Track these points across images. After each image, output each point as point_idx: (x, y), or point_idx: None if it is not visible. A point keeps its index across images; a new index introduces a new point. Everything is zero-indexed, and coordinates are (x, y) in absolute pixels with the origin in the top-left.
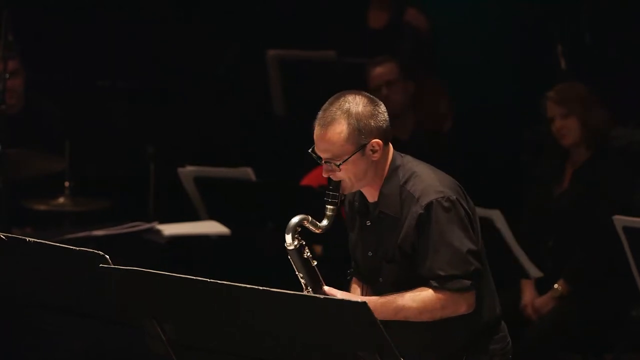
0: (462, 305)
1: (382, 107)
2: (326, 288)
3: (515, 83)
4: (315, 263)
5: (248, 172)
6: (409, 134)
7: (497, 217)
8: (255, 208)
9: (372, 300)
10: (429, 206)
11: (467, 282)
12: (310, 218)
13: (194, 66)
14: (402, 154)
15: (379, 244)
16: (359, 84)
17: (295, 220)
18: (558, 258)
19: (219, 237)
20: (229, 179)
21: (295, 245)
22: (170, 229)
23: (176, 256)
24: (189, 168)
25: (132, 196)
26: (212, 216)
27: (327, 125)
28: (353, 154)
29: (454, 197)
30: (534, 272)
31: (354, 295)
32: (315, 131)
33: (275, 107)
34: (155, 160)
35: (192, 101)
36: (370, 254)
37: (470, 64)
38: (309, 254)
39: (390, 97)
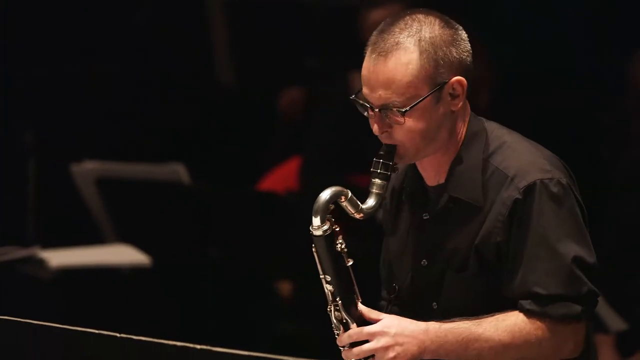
0: (567, 342)
1: (464, 33)
2: (363, 308)
3: (589, 39)
4: (351, 262)
5: (178, 171)
6: None
7: None
8: (188, 226)
9: (433, 327)
10: (529, 189)
11: (578, 308)
12: (349, 194)
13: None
14: (483, 118)
15: (440, 247)
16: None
17: (327, 194)
18: None
19: (134, 269)
20: (150, 182)
21: (325, 231)
22: (59, 258)
23: (70, 298)
24: (88, 164)
25: (0, 205)
26: (123, 237)
27: (388, 52)
28: (426, 97)
29: (566, 180)
30: (616, 323)
31: (404, 319)
32: (365, 62)
33: (220, 71)
34: (36, 153)
35: (89, 65)
36: (424, 262)
37: (520, 9)
38: (344, 246)
39: None
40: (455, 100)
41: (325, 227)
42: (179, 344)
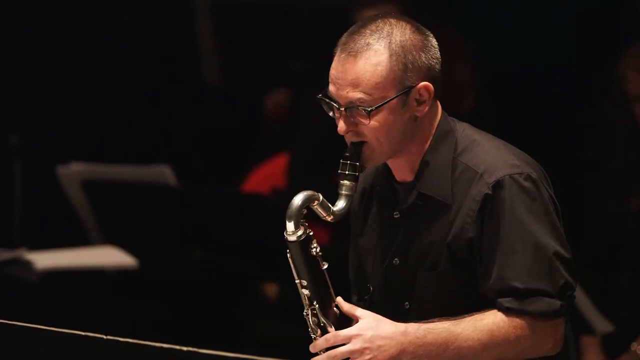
0: (547, 339)
1: (434, 40)
2: (343, 303)
3: (573, 40)
4: (326, 266)
5: (164, 172)
6: None
7: None
8: (174, 227)
9: (412, 329)
10: (498, 184)
11: (557, 303)
12: (321, 197)
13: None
14: (455, 119)
15: (411, 245)
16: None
17: (299, 199)
18: (638, 304)
19: (120, 271)
20: (136, 183)
21: (299, 236)
22: (46, 260)
23: (56, 299)
24: (75, 166)
25: None
26: (109, 239)
27: (358, 52)
28: (392, 99)
29: (536, 175)
30: (602, 325)
31: (383, 319)
32: (334, 62)
33: (206, 73)
34: (22, 155)
35: (75, 67)
36: (396, 261)
37: (504, 11)
38: (318, 250)
39: None
40: (421, 106)
41: (300, 233)
42: (165, 345)
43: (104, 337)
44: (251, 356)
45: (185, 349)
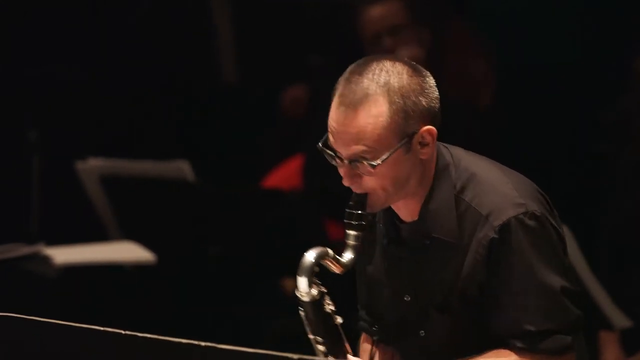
0: None
1: (431, 80)
2: (352, 359)
3: (590, 36)
4: (340, 321)
5: (182, 168)
6: None
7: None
8: (192, 223)
9: None
10: (505, 228)
11: (568, 339)
12: (331, 252)
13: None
14: (445, 144)
15: (422, 284)
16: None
17: (312, 256)
18: None
19: (138, 267)
20: (154, 179)
21: (314, 296)
22: (64, 255)
23: (74, 295)
24: (93, 162)
25: (5, 203)
26: (127, 235)
27: (357, 104)
28: (396, 150)
29: (539, 211)
30: (620, 320)
31: None
32: (333, 114)
33: (224, 69)
34: (40, 150)
35: (94, 63)
36: (407, 298)
37: (523, 6)
38: (331, 306)
39: (395, 52)
40: (425, 148)
41: (314, 292)
42: (184, 341)
43: (123, 332)
44: (268, 351)
45: (203, 344)
